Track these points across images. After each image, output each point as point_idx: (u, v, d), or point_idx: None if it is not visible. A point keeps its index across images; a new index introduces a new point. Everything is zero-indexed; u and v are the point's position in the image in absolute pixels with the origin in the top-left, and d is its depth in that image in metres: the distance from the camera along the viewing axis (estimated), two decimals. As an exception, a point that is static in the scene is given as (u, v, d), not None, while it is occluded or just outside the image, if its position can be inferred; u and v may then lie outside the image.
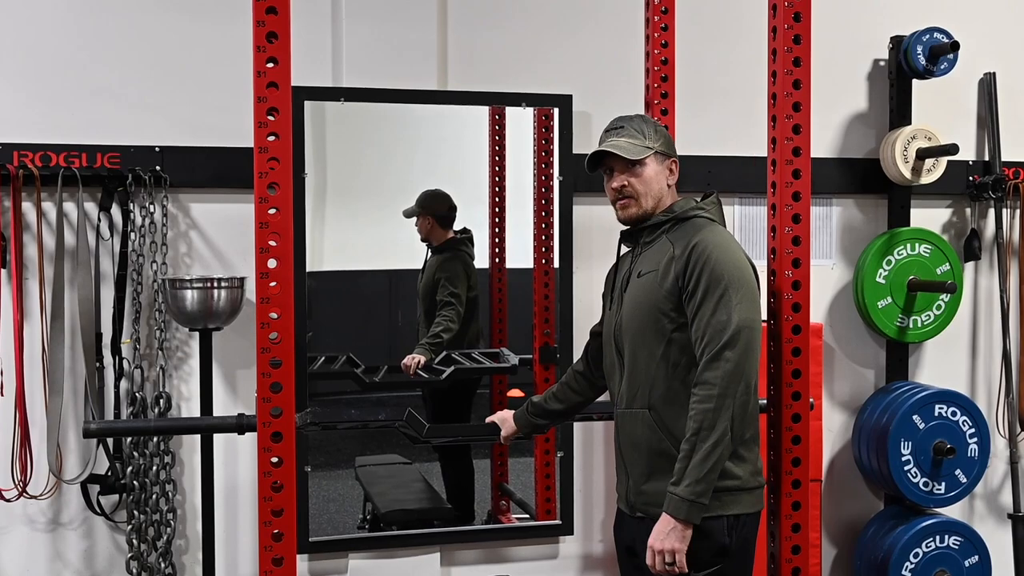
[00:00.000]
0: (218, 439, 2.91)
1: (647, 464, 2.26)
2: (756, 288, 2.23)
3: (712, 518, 2.19)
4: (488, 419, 2.68)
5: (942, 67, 3.29)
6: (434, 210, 3.22)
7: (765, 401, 2.44)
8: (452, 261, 3.25)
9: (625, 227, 2.40)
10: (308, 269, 2.98)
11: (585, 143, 3.15)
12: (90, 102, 2.91)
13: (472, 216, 3.24)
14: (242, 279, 2.86)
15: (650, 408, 2.24)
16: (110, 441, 2.87)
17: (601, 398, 2.63)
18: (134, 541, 2.86)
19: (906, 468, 3.21)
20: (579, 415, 2.72)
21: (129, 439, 2.87)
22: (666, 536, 2.13)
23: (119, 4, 2.93)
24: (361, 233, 3.21)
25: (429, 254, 3.26)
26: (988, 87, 3.49)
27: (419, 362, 3.17)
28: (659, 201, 2.33)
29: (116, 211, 2.91)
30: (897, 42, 3.37)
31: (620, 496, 2.39)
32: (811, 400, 2.41)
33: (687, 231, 2.27)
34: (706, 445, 2.10)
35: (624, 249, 2.44)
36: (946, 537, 3.27)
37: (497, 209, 3.27)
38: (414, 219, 3.21)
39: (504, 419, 2.63)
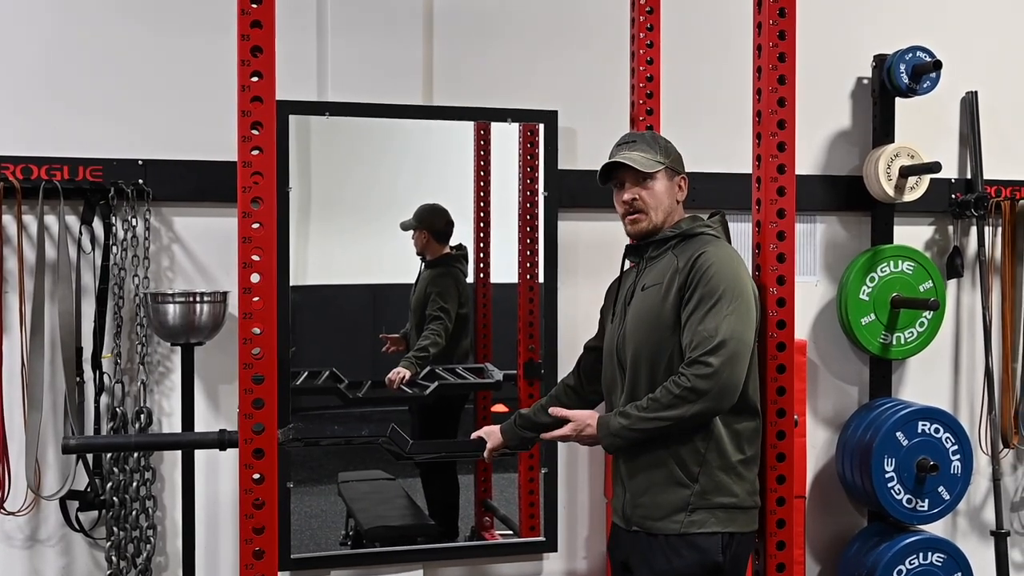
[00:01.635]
0: (199, 455, 2.89)
1: (646, 477, 2.26)
2: (752, 305, 2.23)
3: (707, 535, 2.19)
4: (474, 434, 2.67)
5: (925, 86, 3.32)
6: (431, 224, 3.21)
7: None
8: (444, 277, 3.24)
9: (631, 241, 2.41)
10: (292, 283, 2.96)
11: (570, 159, 3.15)
12: (73, 115, 2.89)
13: (457, 230, 3.23)
14: (225, 293, 2.84)
15: None
16: (90, 457, 2.83)
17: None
18: (113, 558, 2.82)
19: (889, 485, 3.21)
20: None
21: (109, 455, 2.84)
22: (580, 430, 2.30)
23: (103, 17, 2.91)
24: (345, 248, 3.19)
25: (423, 268, 3.25)
26: (970, 106, 3.51)
27: (403, 377, 3.15)
28: (668, 216, 2.36)
29: (98, 224, 2.88)
30: (880, 61, 3.39)
31: (616, 510, 2.39)
32: (795, 417, 2.40)
33: (693, 246, 2.28)
34: (656, 415, 2.16)
35: (628, 264, 2.45)
36: (929, 554, 3.27)
37: (482, 224, 3.27)
38: (410, 232, 3.21)
39: (491, 432, 2.63)
